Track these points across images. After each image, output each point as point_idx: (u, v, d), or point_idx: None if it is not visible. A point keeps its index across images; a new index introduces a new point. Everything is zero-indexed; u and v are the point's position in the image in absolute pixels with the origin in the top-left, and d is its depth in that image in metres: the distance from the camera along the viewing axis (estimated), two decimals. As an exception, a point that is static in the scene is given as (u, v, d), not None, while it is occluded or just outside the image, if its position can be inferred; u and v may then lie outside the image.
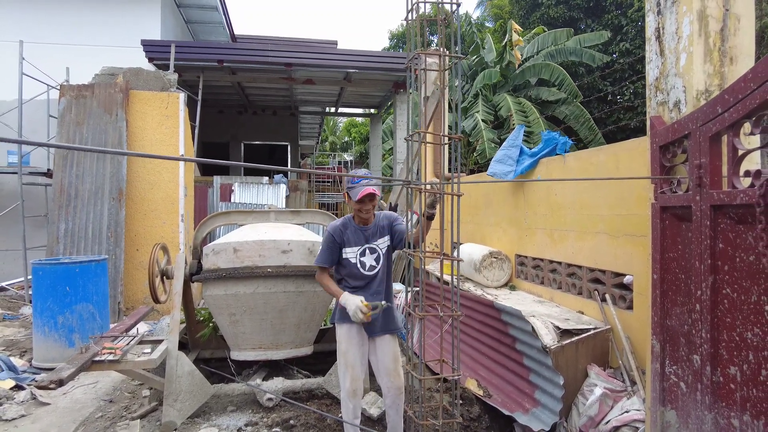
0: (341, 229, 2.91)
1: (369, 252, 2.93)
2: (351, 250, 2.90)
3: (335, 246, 2.89)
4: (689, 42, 2.40)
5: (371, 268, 2.92)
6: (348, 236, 2.90)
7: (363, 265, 2.91)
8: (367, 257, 2.92)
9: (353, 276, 2.91)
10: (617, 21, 14.99)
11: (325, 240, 2.92)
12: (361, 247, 2.91)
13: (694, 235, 2.23)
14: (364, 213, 2.83)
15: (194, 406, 3.39)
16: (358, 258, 2.90)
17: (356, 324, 2.79)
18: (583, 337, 3.39)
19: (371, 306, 2.66)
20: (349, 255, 2.90)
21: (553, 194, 4.37)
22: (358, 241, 2.91)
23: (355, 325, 2.80)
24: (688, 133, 2.26)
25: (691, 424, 2.31)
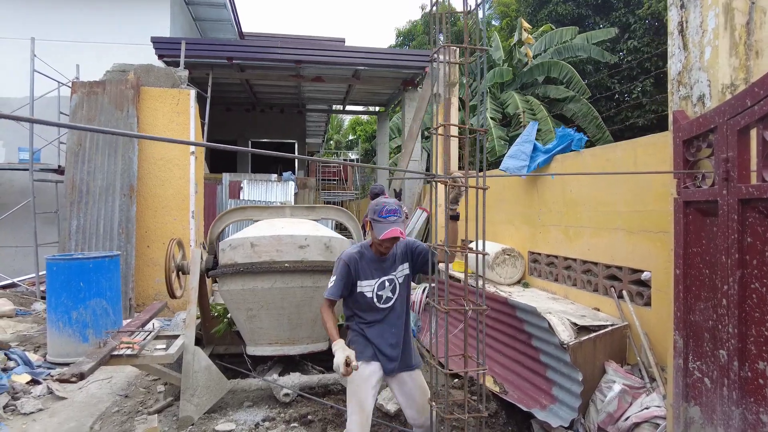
0: (357, 258, 2.59)
1: (387, 283, 2.64)
2: (367, 283, 2.59)
3: (350, 278, 2.56)
4: (714, 35, 2.38)
5: (387, 300, 2.63)
6: (364, 267, 2.59)
7: (380, 298, 2.61)
8: (384, 290, 2.63)
9: (369, 310, 2.61)
10: (625, 19, 14.92)
11: (340, 270, 2.56)
12: (379, 280, 2.61)
13: (720, 229, 2.21)
14: (385, 249, 2.55)
15: (211, 401, 3.40)
16: (375, 291, 2.60)
17: (373, 362, 2.54)
18: (600, 334, 3.38)
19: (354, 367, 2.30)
20: (365, 289, 2.59)
21: (569, 191, 4.35)
22: (375, 273, 2.61)
23: (372, 363, 2.54)
24: (714, 126, 2.24)
25: (716, 420, 2.29)
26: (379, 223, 2.47)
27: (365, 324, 2.60)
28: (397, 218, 2.47)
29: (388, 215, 2.47)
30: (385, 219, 2.46)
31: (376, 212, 2.50)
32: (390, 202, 2.53)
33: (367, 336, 2.57)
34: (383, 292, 2.61)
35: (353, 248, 2.67)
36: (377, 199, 2.61)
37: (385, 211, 2.48)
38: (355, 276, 2.56)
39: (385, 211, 2.48)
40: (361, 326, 2.60)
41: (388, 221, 2.45)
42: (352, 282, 2.57)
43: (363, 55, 8.74)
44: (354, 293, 2.58)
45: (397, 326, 2.64)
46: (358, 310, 2.62)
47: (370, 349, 2.55)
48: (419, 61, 8.82)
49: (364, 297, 2.58)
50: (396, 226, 2.45)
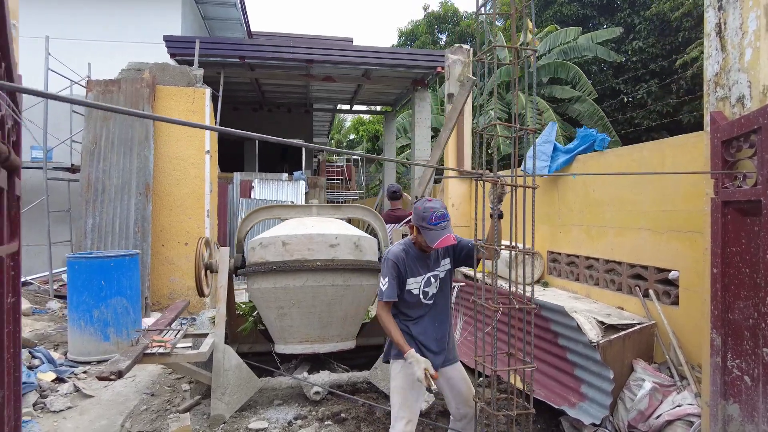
0: (404, 257, 2.56)
1: (432, 279, 2.62)
2: (414, 280, 2.57)
3: (401, 277, 2.54)
4: (756, 37, 2.41)
5: (432, 296, 2.62)
6: (410, 265, 2.56)
7: (426, 294, 2.60)
8: (431, 286, 2.62)
9: (414, 307, 2.60)
10: (630, 20, 14.97)
11: (389, 269, 2.52)
12: (425, 276, 2.59)
13: (764, 229, 2.24)
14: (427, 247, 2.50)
15: (242, 399, 3.42)
16: (421, 288, 2.58)
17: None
18: (629, 332, 3.41)
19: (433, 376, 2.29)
20: (412, 286, 2.57)
21: (591, 190, 4.38)
22: (421, 270, 2.59)
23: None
24: (758, 127, 2.27)
25: (757, 418, 2.32)
26: (430, 230, 2.40)
27: (410, 321, 2.59)
28: (447, 223, 2.43)
29: (439, 221, 2.40)
30: (436, 226, 2.40)
31: (425, 219, 2.42)
32: (437, 207, 2.46)
33: (411, 333, 2.57)
34: (429, 288, 2.60)
35: (397, 247, 2.63)
36: (422, 203, 2.49)
37: (435, 217, 2.41)
38: (404, 274, 2.54)
39: (435, 217, 2.41)
40: (406, 323, 2.59)
41: (438, 228, 2.40)
42: (402, 281, 2.54)
43: (374, 55, 8.75)
44: (402, 291, 2.56)
45: (440, 320, 2.63)
46: (403, 307, 2.60)
47: (414, 345, 2.55)
48: (431, 61, 8.84)
49: (411, 294, 2.56)
50: (447, 232, 2.40)
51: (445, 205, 2.52)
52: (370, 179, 20.30)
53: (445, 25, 22.58)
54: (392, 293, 2.51)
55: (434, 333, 2.59)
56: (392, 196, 6.18)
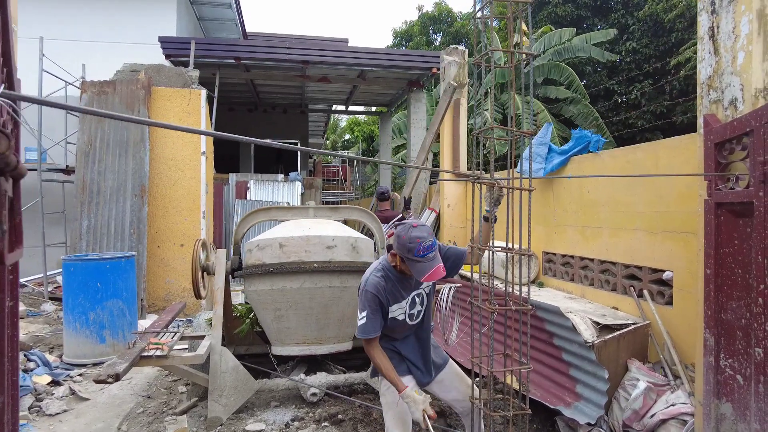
0: (384, 284, 2.34)
1: (417, 299, 2.47)
2: (398, 306, 2.39)
3: (382, 307, 2.33)
4: (748, 41, 2.44)
5: (417, 316, 2.48)
6: (391, 291, 2.37)
7: (412, 316, 2.45)
8: (416, 307, 2.47)
9: (400, 330, 2.46)
10: (624, 20, 15.06)
11: (369, 303, 2.29)
12: (408, 298, 2.43)
13: (756, 230, 2.27)
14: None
15: (239, 401, 3.42)
16: (407, 313, 2.42)
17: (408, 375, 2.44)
18: (624, 332, 3.44)
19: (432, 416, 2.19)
20: (397, 313, 2.39)
21: (586, 191, 4.41)
22: (404, 293, 2.41)
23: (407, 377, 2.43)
24: (750, 130, 2.30)
25: (749, 416, 2.35)
26: (417, 262, 2.20)
27: (396, 341, 2.48)
28: (435, 253, 2.22)
29: (426, 253, 2.19)
30: (424, 258, 2.19)
31: (411, 251, 2.20)
32: (425, 237, 2.22)
33: (401, 352, 2.48)
34: (414, 309, 2.46)
35: (375, 273, 2.38)
36: (405, 231, 2.27)
37: (423, 248, 2.19)
38: (386, 304, 2.34)
39: (423, 248, 2.19)
40: (393, 344, 2.48)
41: (427, 260, 2.19)
42: (385, 311, 2.35)
43: (369, 56, 8.77)
44: (385, 320, 2.37)
45: (423, 338, 2.53)
46: (388, 332, 2.44)
47: (404, 364, 2.48)
48: (427, 62, 8.86)
49: (396, 321, 2.40)
50: (436, 263, 2.20)
51: (431, 230, 2.34)
52: (365, 180, 20.31)
53: (440, 25, 22.63)
54: (373, 328, 2.29)
55: (420, 350, 2.52)
56: (381, 197, 6.25)
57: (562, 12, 15.92)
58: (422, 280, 2.23)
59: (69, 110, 7.03)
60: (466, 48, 7.58)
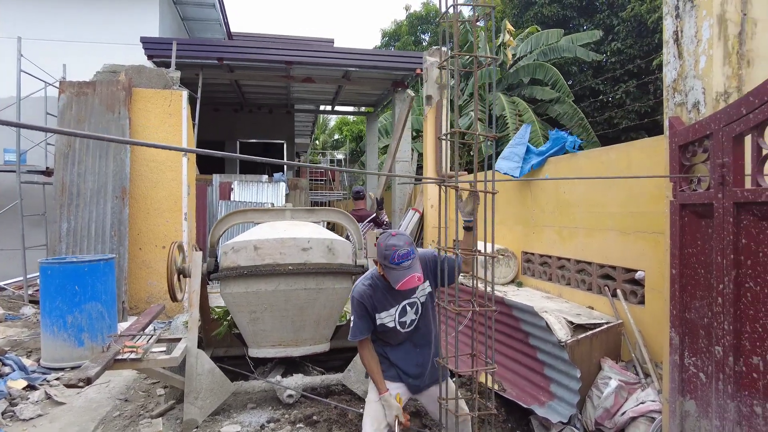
0: (370, 293, 2.43)
1: (409, 307, 2.48)
2: (387, 314, 2.44)
3: (369, 314, 2.43)
4: (709, 45, 2.49)
5: (411, 324, 2.49)
6: (379, 299, 2.43)
7: (403, 324, 2.48)
8: (407, 315, 2.48)
9: (392, 336, 2.51)
10: (609, 21, 15.20)
11: (355, 309, 2.42)
12: (399, 306, 2.46)
13: (716, 231, 2.31)
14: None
15: (215, 403, 3.42)
16: (397, 320, 2.46)
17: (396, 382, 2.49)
18: (597, 332, 3.48)
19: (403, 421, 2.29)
20: (386, 320, 2.44)
21: (562, 192, 4.46)
22: (394, 301, 2.45)
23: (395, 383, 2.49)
24: (710, 133, 2.34)
25: (711, 413, 2.40)
26: (393, 270, 2.25)
27: (388, 346, 2.53)
28: (411, 261, 2.25)
29: (402, 260, 2.23)
30: (399, 265, 2.23)
31: (386, 258, 2.26)
32: (400, 245, 2.26)
33: (390, 358, 2.51)
34: (406, 317, 2.48)
35: (364, 282, 2.49)
36: (384, 239, 2.33)
37: (398, 256, 2.23)
38: (372, 311, 2.42)
39: (398, 256, 2.23)
40: (384, 348, 2.53)
41: (402, 267, 2.23)
42: (372, 317, 2.44)
43: (353, 57, 8.77)
44: (375, 326, 2.46)
45: (422, 345, 2.54)
46: (381, 336, 2.52)
47: (393, 370, 2.50)
48: (410, 62, 8.89)
49: (385, 327, 2.46)
50: (412, 271, 2.23)
51: (410, 239, 2.37)
52: (353, 180, 20.31)
53: (427, 25, 22.69)
54: (360, 332, 2.42)
55: (416, 358, 2.52)
56: (356, 196, 6.64)
57: (548, 12, 16.03)
58: (396, 288, 2.26)
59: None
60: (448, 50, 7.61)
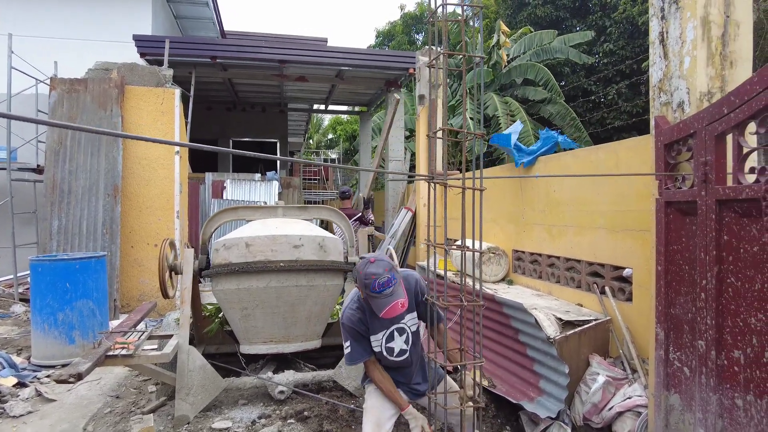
0: (359, 316, 2.41)
1: (397, 334, 2.44)
2: (375, 338, 2.43)
3: (361, 336, 2.42)
4: (693, 46, 2.54)
5: (401, 353, 2.44)
6: (369, 322, 2.41)
7: (391, 351, 2.44)
8: (395, 341, 2.44)
9: (382, 360, 2.50)
10: (601, 22, 15.31)
11: (347, 333, 2.42)
12: (387, 331, 2.43)
13: (699, 228, 2.36)
14: None
15: (206, 400, 3.43)
16: (383, 345, 2.43)
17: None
18: (585, 328, 3.53)
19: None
20: (373, 344, 2.44)
21: (552, 191, 4.50)
22: (382, 325, 2.41)
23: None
24: (693, 132, 2.39)
25: (694, 406, 2.45)
26: (375, 299, 2.20)
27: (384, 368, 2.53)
28: (393, 287, 2.19)
29: (383, 289, 2.17)
30: (381, 294, 2.18)
31: (367, 287, 2.20)
32: (380, 273, 2.19)
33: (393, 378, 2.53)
34: (394, 344, 2.45)
35: (351, 305, 2.46)
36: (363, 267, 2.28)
37: (378, 285, 2.17)
38: (365, 333, 2.43)
39: (378, 285, 2.17)
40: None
41: (384, 295, 2.17)
42: (367, 338, 2.44)
43: (347, 56, 8.79)
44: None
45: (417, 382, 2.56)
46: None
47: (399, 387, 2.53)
48: (403, 62, 8.92)
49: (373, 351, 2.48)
50: (395, 298, 2.18)
51: (391, 263, 2.31)
52: (347, 179, 20.32)
53: (421, 25, 22.73)
54: (359, 354, 2.42)
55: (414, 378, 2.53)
56: (342, 196, 6.91)
57: (541, 13, 16.12)
58: (381, 316, 2.21)
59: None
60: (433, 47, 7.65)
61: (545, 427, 3.29)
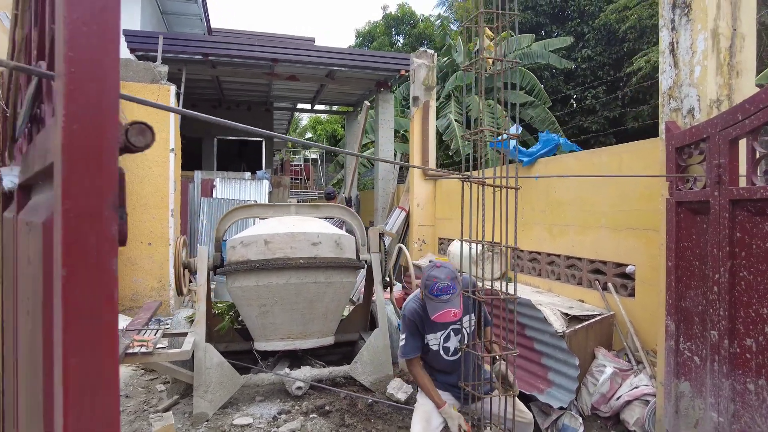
0: (420, 313, 2.49)
1: (453, 334, 2.54)
2: (433, 336, 2.52)
3: (419, 331, 2.51)
4: (703, 56, 2.72)
5: (456, 352, 2.53)
6: (427, 320, 2.47)
7: (447, 350, 2.53)
8: (451, 341, 2.54)
9: (436, 362, 2.57)
10: (579, 28, 15.76)
11: (406, 325, 2.51)
12: (445, 331, 2.53)
13: (712, 226, 2.54)
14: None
15: (225, 396, 3.45)
16: (441, 344, 2.53)
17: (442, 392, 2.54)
18: (591, 322, 3.70)
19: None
20: (431, 342, 2.52)
21: (553, 191, 4.68)
22: (440, 326, 2.50)
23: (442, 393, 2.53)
24: (706, 136, 2.57)
25: (705, 392, 2.63)
26: (431, 300, 2.31)
27: (436, 372, 2.60)
28: (450, 296, 2.29)
29: (440, 294, 2.27)
30: (437, 298, 2.28)
31: (426, 287, 2.34)
32: (441, 278, 2.31)
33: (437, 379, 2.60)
34: (450, 343, 2.53)
35: (414, 301, 2.56)
36: (429, 269, 2.42)
37: (437, 289, 2.28)
38: (422, 329, 2.51)
39: (437, 289, 2.28)
40: (433, 373, 2.60)
41: (440, 300, 2.27)
42: (422, 336, 2.52)
43: (339, 56, 8.83)
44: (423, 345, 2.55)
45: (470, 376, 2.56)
46: (426, 360, 2.59)
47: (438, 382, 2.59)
48: (394, 63, 9.02)
49: (430, 349, 2.54)
50: (449, 306, 2.27)
51: (454, 272, 2.41)
52: (329, 179, 20.31)
53: (403, 26, 22.91)
54: (411, 349, 2.50)
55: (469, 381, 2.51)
56: (328, 197, 7.29)
57: (521, 18, 16.48)
58: (432, 319, 2.31)
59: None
60: (427, 50, 7.79)
61: (557, 417, 3.44)
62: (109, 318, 0.61)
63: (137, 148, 0.67)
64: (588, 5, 15.36)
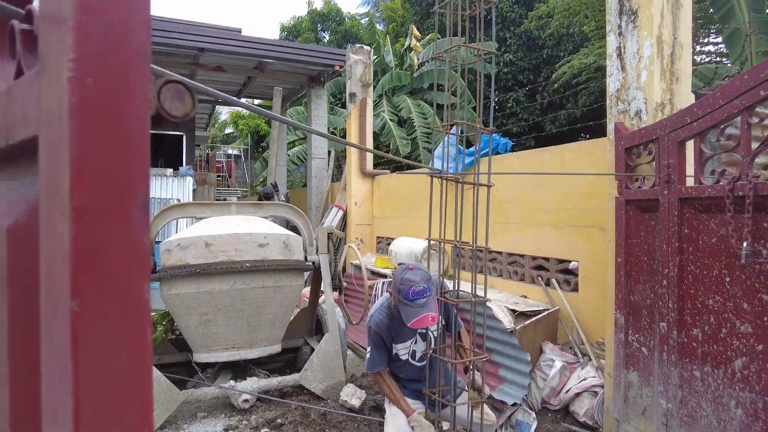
0: (387, 323, 2.40)
1: (420, 339, 2.48)
2: (402, 345, 2.43)
3: (385, 345, 2.42)
4: (650, 62, 2.85)
5: (423, 358, 2.46)
6: (396, 329, 2.40)
7: (413, 355, 2.47)
8: (418, 344, 2.48)
9: (405, 371, 2.50)
10: (502, 34, 16.46)
11: (372, 339, 2.41)
12: (413, 338, 2.46)
13: (661, 223, 2.66)
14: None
15: (163, 415, 3.12)
16: (410, 351, 2.46)
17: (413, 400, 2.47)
18: (539, 318, 3.79)
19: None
20: (400, 351, 2.44)
21: (494, 190, 4.74)
22: (410, 333, 2.43)
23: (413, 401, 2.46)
24: (656, 137, 2.69)
25: (653, 381, 2.76)
26: (406, 306, 2.21)
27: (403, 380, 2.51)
28: (426, 299, 2.21)
29: (417, 298, 2.20)
30: (413, 302, 2.20)
31: (401, 292, 2.24)
32: (416, 281, 2.23)
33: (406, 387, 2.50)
34: (417, 346, 2.47)
35: (380, 311, 2.45)
36: (401, 272, 2.32)
37: (412, 293, 2.20)
38: (389, 341, 2.41)
39: (412, 293, 2.20)
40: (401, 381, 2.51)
41: (416, 305, 2.19)
42: (388, 348, 2.43)
43: (270, 47, 8.46)
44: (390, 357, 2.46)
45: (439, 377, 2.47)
46: (393, 369, 2.51)
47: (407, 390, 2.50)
48: (329, 58, 8.81)
49: (399, 359, 2.45)
50: (426, 310, 2.20)
51: (428, 272, 2.33)
52: (254, 177, 19.58)
53: (329, 23, 22.62)
54: (378, 363, 2.40)
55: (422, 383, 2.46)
56: (266, 197, 7.26)
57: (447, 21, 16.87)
58: (409, 326, 2.20)
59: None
60: (363, 46, 7.70)
61: (510, 414, 3.48)
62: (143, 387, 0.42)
63: (173, 118, 0.48)
64: (509, 12, 16.06)
